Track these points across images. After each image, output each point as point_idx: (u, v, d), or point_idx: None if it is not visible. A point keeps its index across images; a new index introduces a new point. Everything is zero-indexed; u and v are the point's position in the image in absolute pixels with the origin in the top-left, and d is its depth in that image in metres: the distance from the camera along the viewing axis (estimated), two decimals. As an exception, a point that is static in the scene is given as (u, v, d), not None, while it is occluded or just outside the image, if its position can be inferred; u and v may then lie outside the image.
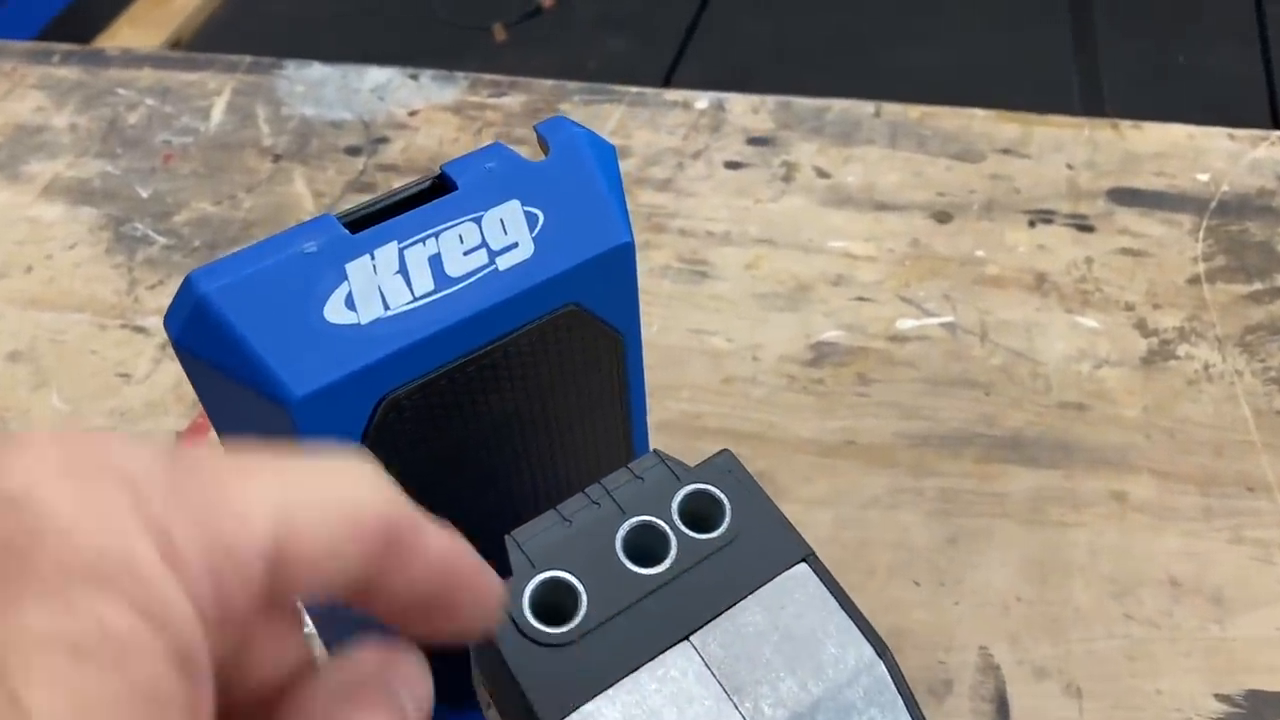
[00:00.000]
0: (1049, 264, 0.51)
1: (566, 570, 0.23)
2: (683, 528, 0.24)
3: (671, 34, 1.67)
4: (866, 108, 0.60)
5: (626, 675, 0.22)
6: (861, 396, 0.46)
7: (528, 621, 0.22)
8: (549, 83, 0.64)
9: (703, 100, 0.62)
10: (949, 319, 0.49)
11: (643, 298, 0.50)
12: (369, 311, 0.23)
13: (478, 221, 0.24)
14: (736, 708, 0.22)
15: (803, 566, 0.24)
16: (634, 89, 0.63)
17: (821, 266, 0.52)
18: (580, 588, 0.23)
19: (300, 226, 0.24)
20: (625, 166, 0.58)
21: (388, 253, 0.23)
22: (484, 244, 0.24)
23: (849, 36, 1.66)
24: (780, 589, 0.23)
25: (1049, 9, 1.45)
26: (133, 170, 0.61)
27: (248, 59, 0.68)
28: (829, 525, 0.41)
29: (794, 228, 0.54)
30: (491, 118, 0.62)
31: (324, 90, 0.65)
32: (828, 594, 0.23)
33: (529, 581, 0.23)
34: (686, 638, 0.22)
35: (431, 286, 0.24)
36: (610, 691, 0.22)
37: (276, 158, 0.61)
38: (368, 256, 0.23)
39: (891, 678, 0.23)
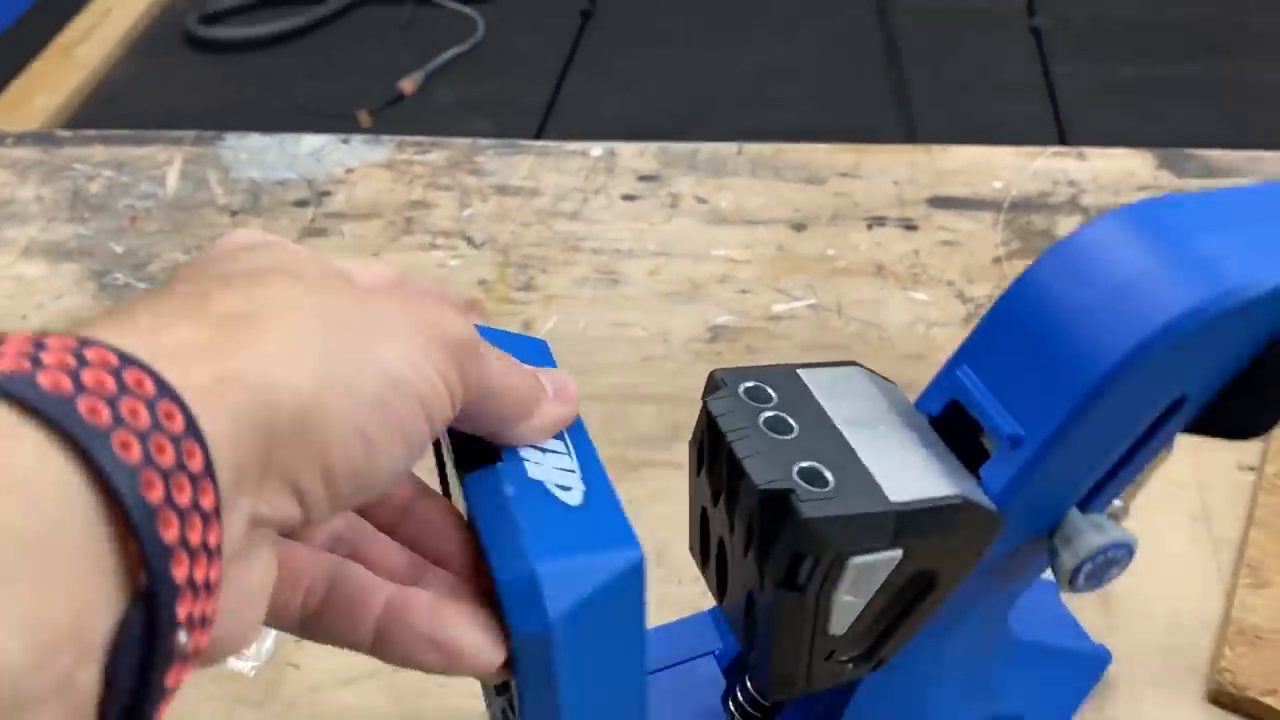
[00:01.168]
0: (885, 256, 0.65)
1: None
2: None
3: (531, 115, 1.82)
4: (731, 148, 0.74)
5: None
6: (753, 361, 0.58)
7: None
8: (465, 140, 0.75)
9: (597, 149, 0.74)
10: (812, 302, 0.62)
11: (569, 303, 0.62)
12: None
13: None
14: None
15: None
16: (539, 142, 0.75)
17: (709, 270, 0.64)
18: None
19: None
20: (540, 203, 0.70)
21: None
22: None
23: (699, 109, 1.85)
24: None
25: (868, 71, 1.67)
26: (103, 230, 0.69)
27: (191, 133, 0.77)
28: (738, 455, 0.53)
29: (684, 242, 0.66)
30: (420, 171, 0.73)
31: (266, 155, 0.75)
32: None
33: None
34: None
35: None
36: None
37: (233, 213, 0.70)
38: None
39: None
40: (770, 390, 0.30)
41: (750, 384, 0.30)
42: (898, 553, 0.27)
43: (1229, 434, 0.32)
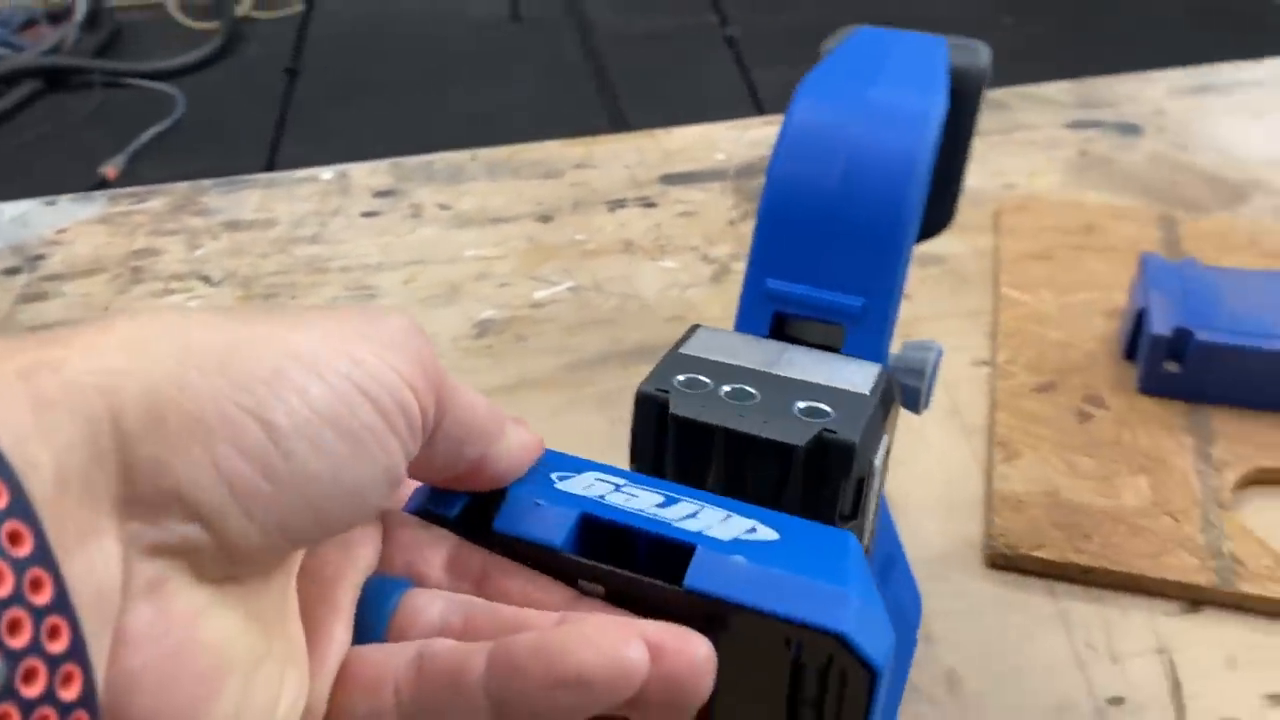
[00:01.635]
0: (630, 234, 0.67)
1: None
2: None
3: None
4: (465, 155, 0.74)
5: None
6: (522, 348, 0.59)
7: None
8: (185, 184, 0.72)
9: (327, 173, 0.73)
10: (570, 284, 0.63)
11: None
12: None
13: None
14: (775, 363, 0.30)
15: None
16: (265, 175, 0.73)
17: (465, 270, 0.64)
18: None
19: None
20: (276, 233, 0.67)
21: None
22: None
23: (421, 153, 1.84)
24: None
25: (583, 99, 1.71)
26: None
27: None
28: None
29: (434, 248, 0.66)
30: (140, 220, 0.69)
31: (-38, 228, 0.69)
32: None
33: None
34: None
35: None
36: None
37: (-67, 290, 0.64)
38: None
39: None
40: (698, 376, 0.29)
41: (681, 378, 0.29)
42: (887, 436, 0.29)
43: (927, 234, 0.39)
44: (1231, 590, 0.45)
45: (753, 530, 0.23)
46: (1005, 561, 0.46)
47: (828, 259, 0.33)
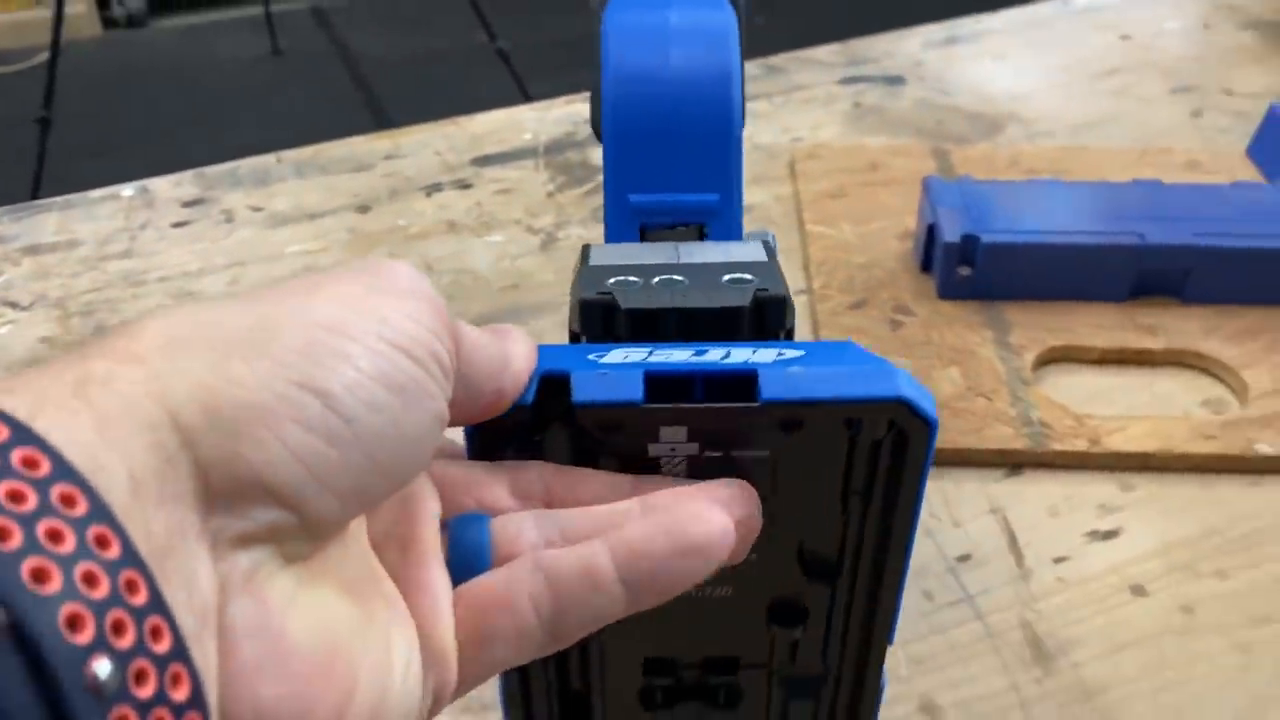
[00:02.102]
0: (452, 214, 0.68)
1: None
2: None
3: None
4: (269, 159, 0.73)
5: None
6: (363, 330, 0.59)
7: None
8: (-30, 214, 0.68)
9: (128, 189, 0.70)
10: (401, 267, 0.64)
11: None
12: None
13: None
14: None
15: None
16: (60, 198, 0.70)
17: (289, 266, 0.64)
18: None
19: None
20: (83, 252, 0.65)
21: None
22: None
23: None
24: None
25: (345, 107, 1.69)
26: None
27: None
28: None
29: (253, 249, 0.65)
30: (-75, 254, 0.65)
31: None
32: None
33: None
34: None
35: None
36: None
37: None
38: None
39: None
40: (624, 278, 0.30)
41: (611, 281, 0.30)
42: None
43: None
44: (1045, 450, 0.51)
45: (781, 354, 0.26)
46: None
47: (678, 166, 0.36)
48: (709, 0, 0.40)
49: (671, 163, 0.37)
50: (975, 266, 0.58)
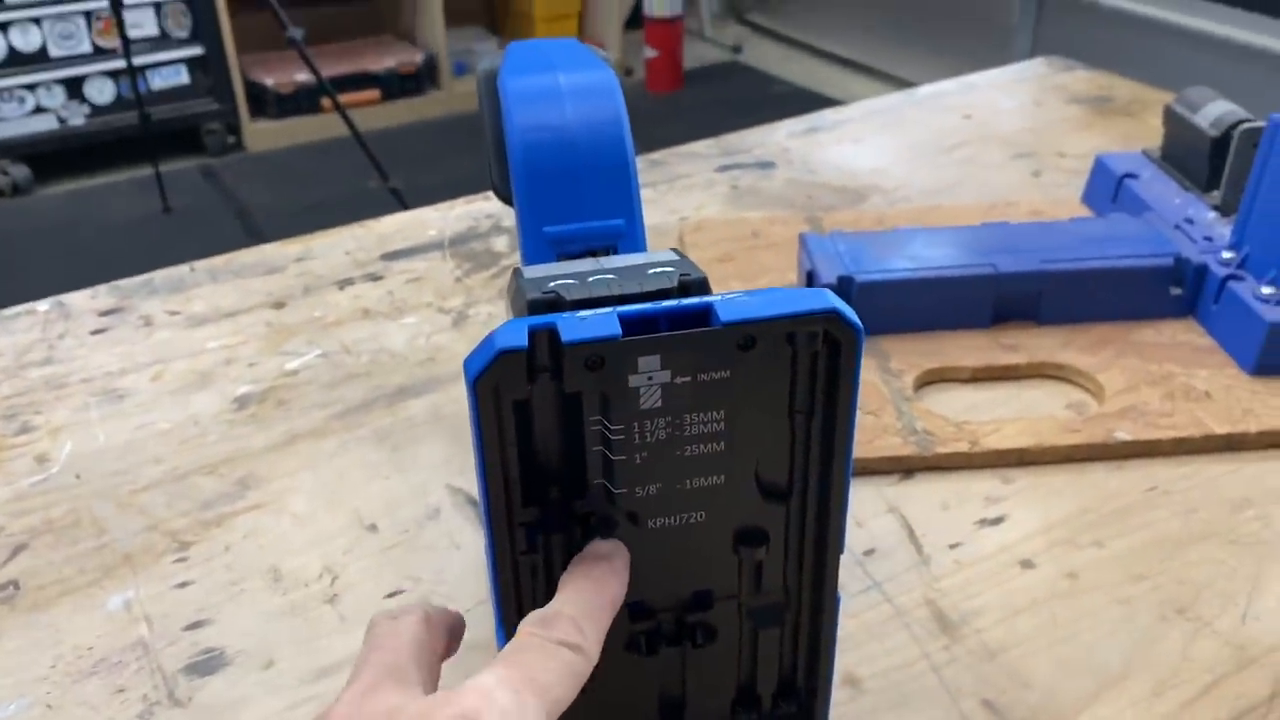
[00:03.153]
0: (366, 303, 0.72)
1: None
2: None
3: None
4: (183, 269, 0.76)
5: None
6: (286, 410, 0.62)
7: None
8: (-117, 338, 0.69)
9: (44, 304, 0.72)
10: (320, 351, 0.67)
11: (79, 428, 0.60)
12: None
13: None
14: None
15: None
16: (-27, 316, 0.71)
17: (210, 360, 0.66)
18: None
19: None
20: (1, 363, 0.66)
21: None
22: None
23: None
24: None
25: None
26: None
27: None
28: (315, 480, 0.56)
29: (174, 348, 0.68)
30: None
31: None
32: None
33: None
34: None
35: None
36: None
37: None
38: None
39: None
40: (561, 282, 0.34)
41: (550, 285, 0.34)
42: None
43: None
44: (931, 454, 0.56)
45: (727, 294, 0.31)
46: (758, 474, 0.55)
47: (586, 199, 0.41)
48: (588, 63, 0.46)
49: (579, 197, 0.42)
50: (851, 304, 0.64)
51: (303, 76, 3.04)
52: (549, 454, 0.32)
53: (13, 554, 0.52)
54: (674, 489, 0.33)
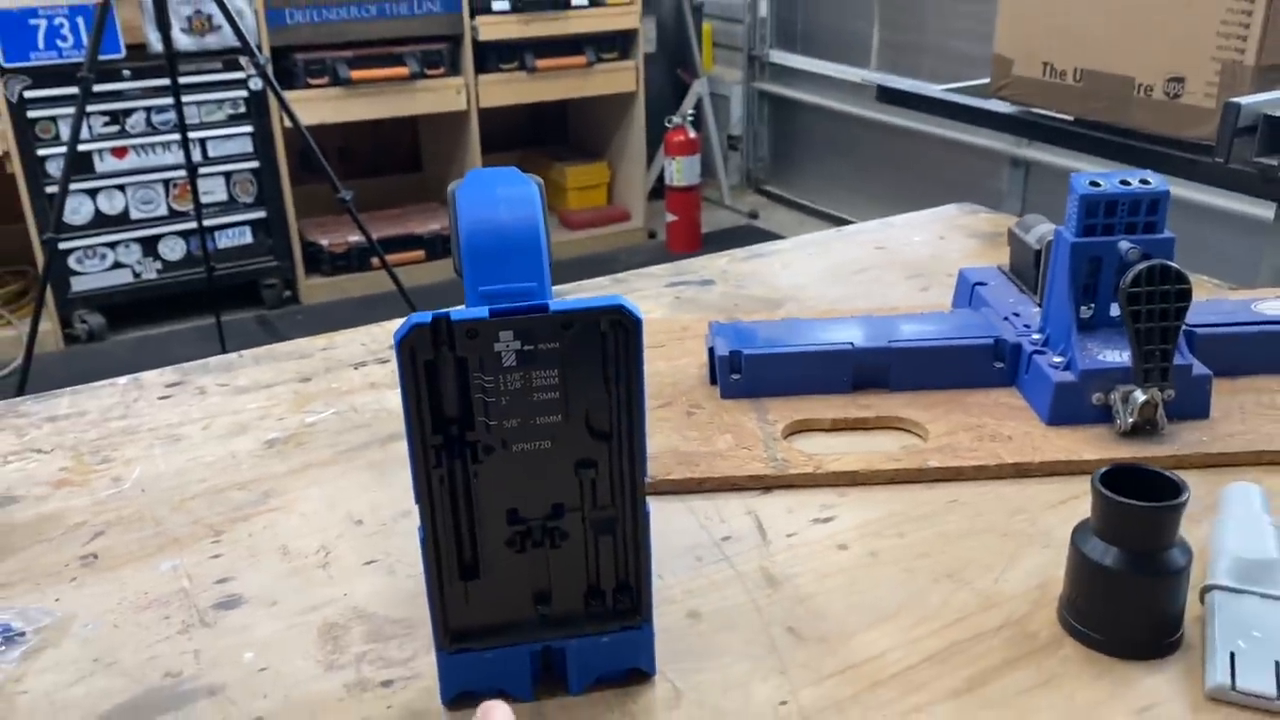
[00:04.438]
0: (374, 379, 0.91)
1: None
2: None
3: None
4: (234, 356, 0.97)
5: None
6: (303, 449, 0.80)
7: None
8: None
9: (123, 380, 0.93)
10: (335, 410, 0.86)
11: (145, 460, 0.79)
12: None
13: None
14: None
15: None
16: (68, 388, 0.92)
17: (247, 416, 0.86)
18: None
19: None
20: (89, 419, 0.86)
21: None
22: None
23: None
24: None
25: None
26: None
27: None
28: (320, 493, 0.75)
29: (219, 409, 0.87)
30: (-32, 426, 0.86)
31: None
32: None
33: None
34: None
35: None
36: None
37: None
38: None
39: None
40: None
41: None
42: None
43: None
44: (784, 474, 0.73)
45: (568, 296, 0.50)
46: (650, 488, 0.72)
47: (511, 269, 0.60)
48: (520, 181, 0.66)
49: (504, 267, 0.61)
50: (742, 373, 0.82)
51: (354, 238, 3.35)
52: (450, 399, 0.50)
53: (92, 537, 0.71)
54: (528, 423, 0.51)
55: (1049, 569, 0.64)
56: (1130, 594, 0.56)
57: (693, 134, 3.72)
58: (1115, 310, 0.80)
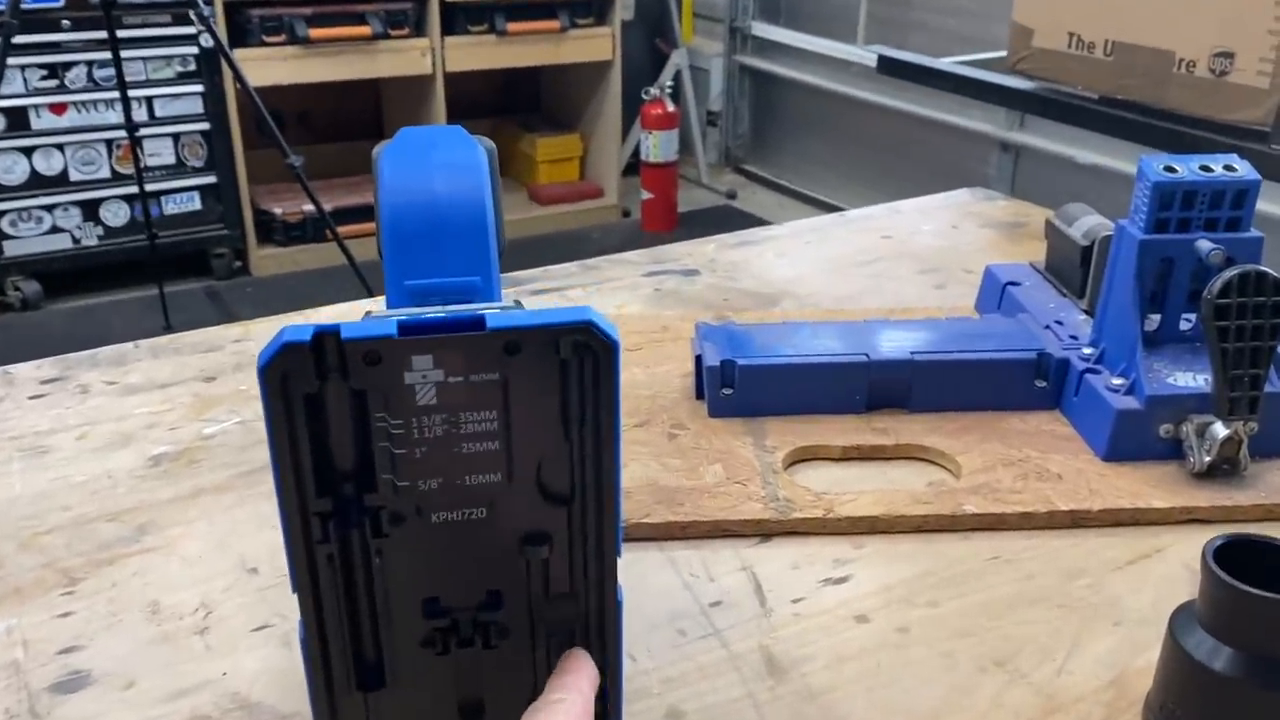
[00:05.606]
0: (291, 380, 0.76)
1: None
2: None
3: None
4: (128, 345, 0.81)
5: None
6: (196, 469, 0.66)
7: None
8: None
9: (-10, 372, 0.77)
10: (238, 420, 0.71)
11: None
12: None
13: None
14: None
15: None
16: (-77, 380, 0.76)
17: (135, 424, 0.71)
18: None
19: None
20: (-59, 420, 0.71)
21: None
22: None
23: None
24: None
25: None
26: None
27: None
28: (209, 529, 0.60)
29: (104, 412, 0.72)
30: None
31: None
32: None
33: None
34: None
35: None
36: None
37: None
38: None
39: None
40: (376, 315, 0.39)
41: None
42: None
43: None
44: (788, 519, 0.59)
45: (504, 306, 0.36)
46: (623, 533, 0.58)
47: (446, 258, 0.46)
48: (462, 144, 0.51)
49: (439, 255, 0.46)
50: (735, 387, 0.68)
51: (310, 207, 3.17)
52: (342, 449, 0.36)
53: (-87, 584, 0.56)
54: (455, 484, 0.36)
55: (1124, 655, 0.51)
56: (1250, 712, 0.43)
57: (671, 107, 3.56)
58: (1185, 323, 0.66)
